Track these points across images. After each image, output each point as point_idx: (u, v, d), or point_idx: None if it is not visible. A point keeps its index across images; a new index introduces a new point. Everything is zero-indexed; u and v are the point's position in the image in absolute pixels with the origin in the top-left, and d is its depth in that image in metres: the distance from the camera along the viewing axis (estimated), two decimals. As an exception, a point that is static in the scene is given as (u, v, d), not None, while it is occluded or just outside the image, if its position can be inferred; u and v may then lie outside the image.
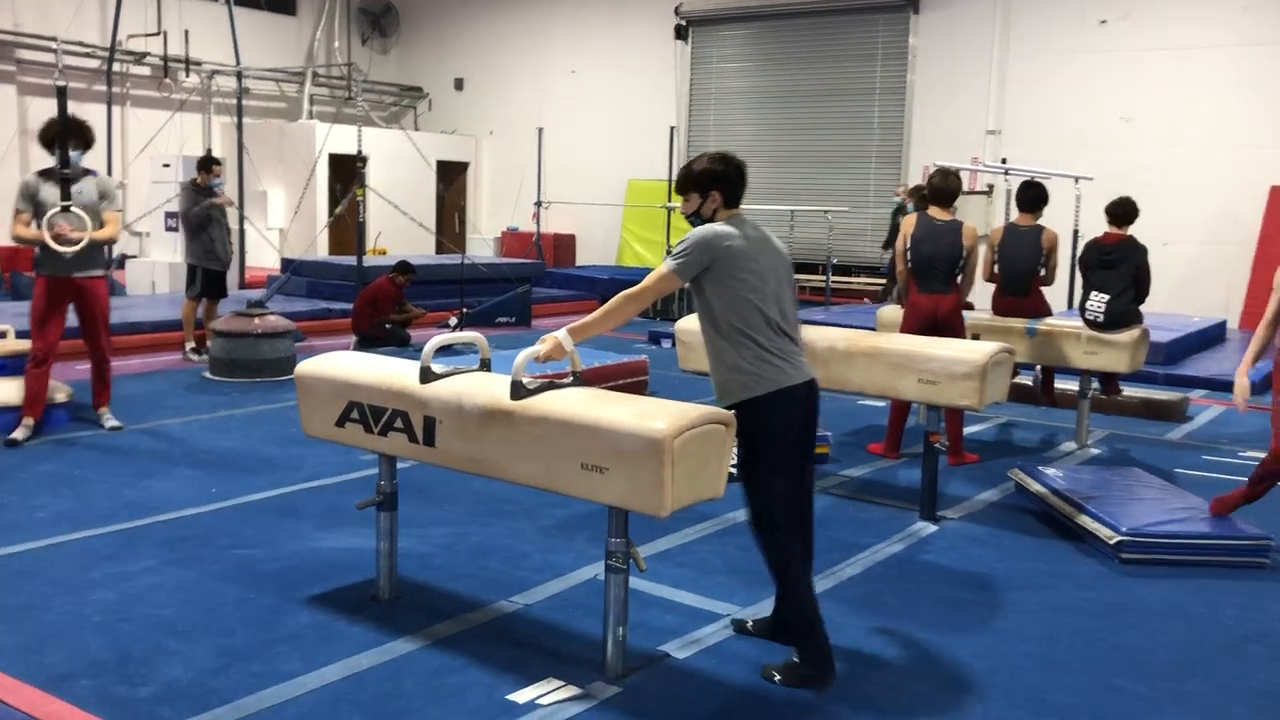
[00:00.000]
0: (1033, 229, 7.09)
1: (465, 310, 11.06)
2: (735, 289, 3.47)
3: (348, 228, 15.83)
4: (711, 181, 3.59)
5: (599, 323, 3.59)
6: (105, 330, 6.69)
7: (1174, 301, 13.36)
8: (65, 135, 6.35)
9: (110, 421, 6.71)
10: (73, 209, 6.27)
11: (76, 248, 6.25)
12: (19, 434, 6.31)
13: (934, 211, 6.44)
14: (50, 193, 6.33)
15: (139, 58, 16.85)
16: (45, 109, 6.19)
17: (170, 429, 6.84)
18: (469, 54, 19.87)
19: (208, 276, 9.38)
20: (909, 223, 6.49)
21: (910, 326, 6.39)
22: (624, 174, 18.00)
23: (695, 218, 3.65)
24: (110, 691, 3.28)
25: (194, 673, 3.42)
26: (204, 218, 9.25)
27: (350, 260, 13.26)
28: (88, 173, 6.56)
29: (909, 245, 6.43)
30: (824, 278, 14.52)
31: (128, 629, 3.74)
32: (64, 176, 6.32)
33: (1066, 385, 7.86)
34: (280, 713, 3.19)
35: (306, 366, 4.02)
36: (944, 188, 6.43)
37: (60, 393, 6.81)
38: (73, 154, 6.40)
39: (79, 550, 4.54)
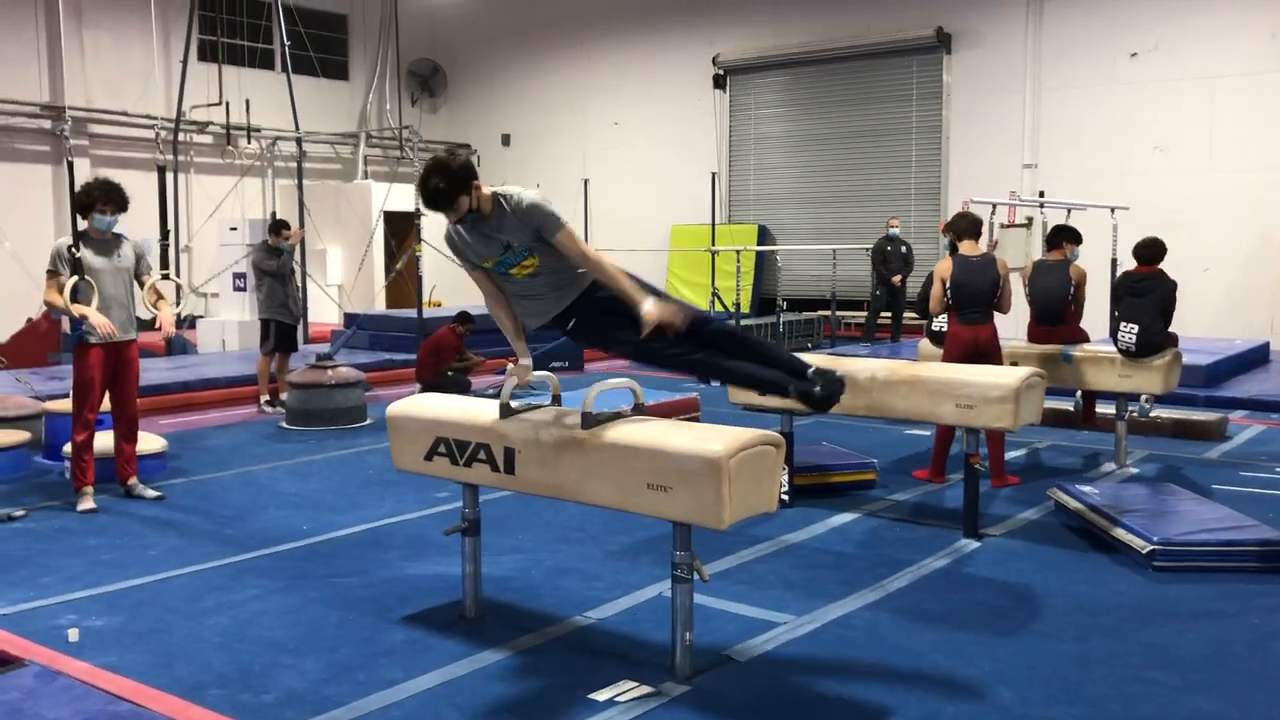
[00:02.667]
0: (1060, 263, 7.48)
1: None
2: None
3: (404, 282, 16.46)
4: (473, 174, 3.95)
5: (615, 275, 4.00)
6: (136, 394, 6.65)
7: (1217, 325, 13.55)
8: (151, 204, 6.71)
9: (150, 492, 6.60)
10: (170, 277, 6.63)
11: (178, 308, 6.65)
12: (90, 503, 6.29)
13: (965, 249, 6.86)
14: (93, 257, 6.31)
15: (202, 127, 17.70)
16: (117, 179, 6.57)
17: (257, 475, 7.33)
18: (515, 111, 20.58)
19: (280, 330, 9.93)
20: (944, 267, 6.88)
21: (952, 355, 6.77)
22: (667, 220, 18.51)
23: (471, 213, 3.96)
24: (238, 699, 3.70)
25: (308, 683, 3.84)
26: (287, 270, 9.91)
27: (409, 313, 13.82)
28: (119, 237, 6.54)
29: (949, 285, 6.82)
30: (866, 314, 14.83)
31: (244, 648, 4.17)
32: (164, 246, 6.76)
33: (1106, 409, 8.12)
34: (387, 713, 3.59)
35: (397, 408, 4.46)
36: (969, 226, 6.89)
37: (154, 443, 7.32)
38: (108, 218, 6.36)
39: (191, 582, 5.00)
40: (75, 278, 6.28)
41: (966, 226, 6.92)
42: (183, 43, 16.64)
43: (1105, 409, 8.11)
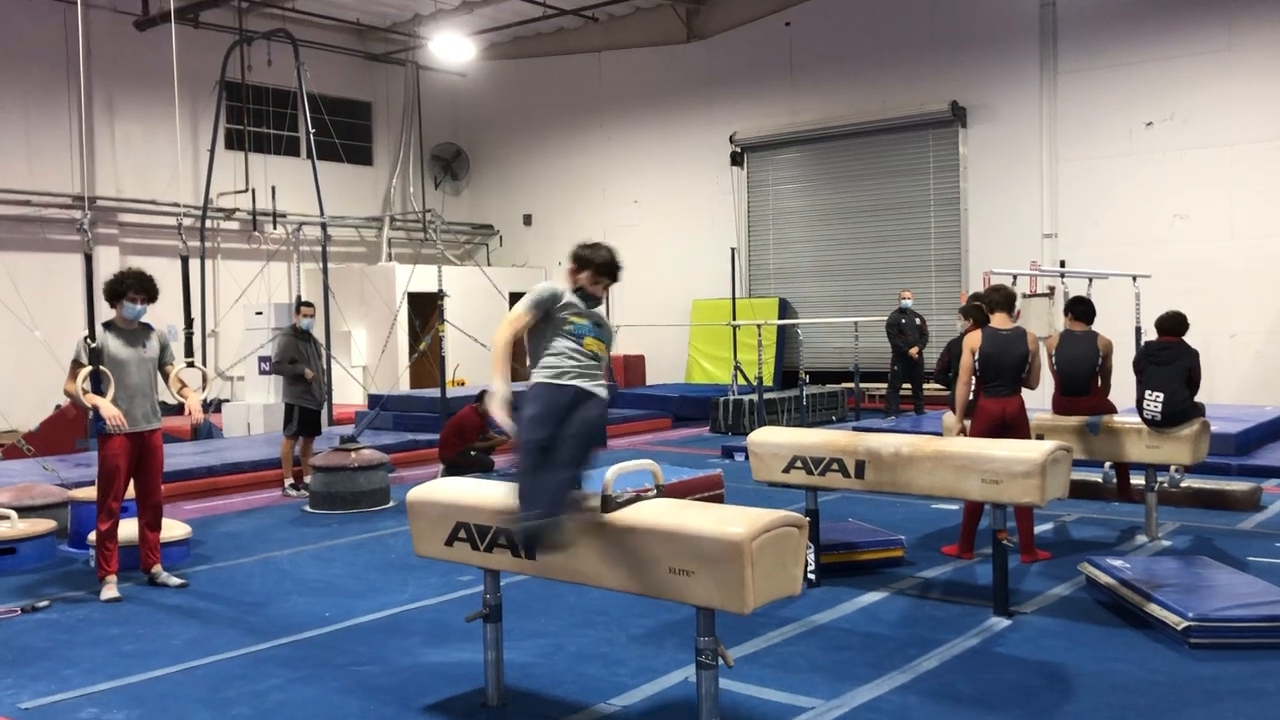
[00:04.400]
0: (1087, 333, 7.45)
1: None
2: None
3: (428, 362, 16.57)
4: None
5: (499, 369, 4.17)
6: (161, 482, 6.66)
7: (1245, 392, 13.43)
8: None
9: (174, 579, 6.58)
10: (196, 365, 6.68)
11: (204, 394, 6.67)
12: (114, 592, 6.27)
13: (997, 321, 6.85)
14: (119, 347, 6.38)
15: (229, 214, 18.02)
16: (144, 267, 6.59)
17: (280, 560, 7.31)
18: (536, 191, 20.87)
19: (303, 415, 9.96)
20: (974, 338, 6.86)
21: (979, 428, 6.73)
22: (688, 294, 18.62)
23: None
24: (258, 793, 3.65)
25: (329, 776, 3.79)
26: (311, 359, 9.92)
27: (432, 393, 13.88)
28: (145, 326, 6.60)
29: (977, 357, 6.79)
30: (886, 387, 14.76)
31: (265, 740, 4.13)
32: (189, 334, 6.84)
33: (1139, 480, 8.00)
34: (409, 808, 3.53)
35: (417, 493, 4.46)
36: (1003, 299, 6.88)
37: (178, 529, 7.33)
38: (138, 306, 6.44)
39: (213, 672, 4.97)
40: (89, 368, 6.35)
41: (1000, 299, 6.92)
42: (210, 132, 17.03)
43: (1139, 480, 8.00)
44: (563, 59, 20.24)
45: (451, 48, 17.78)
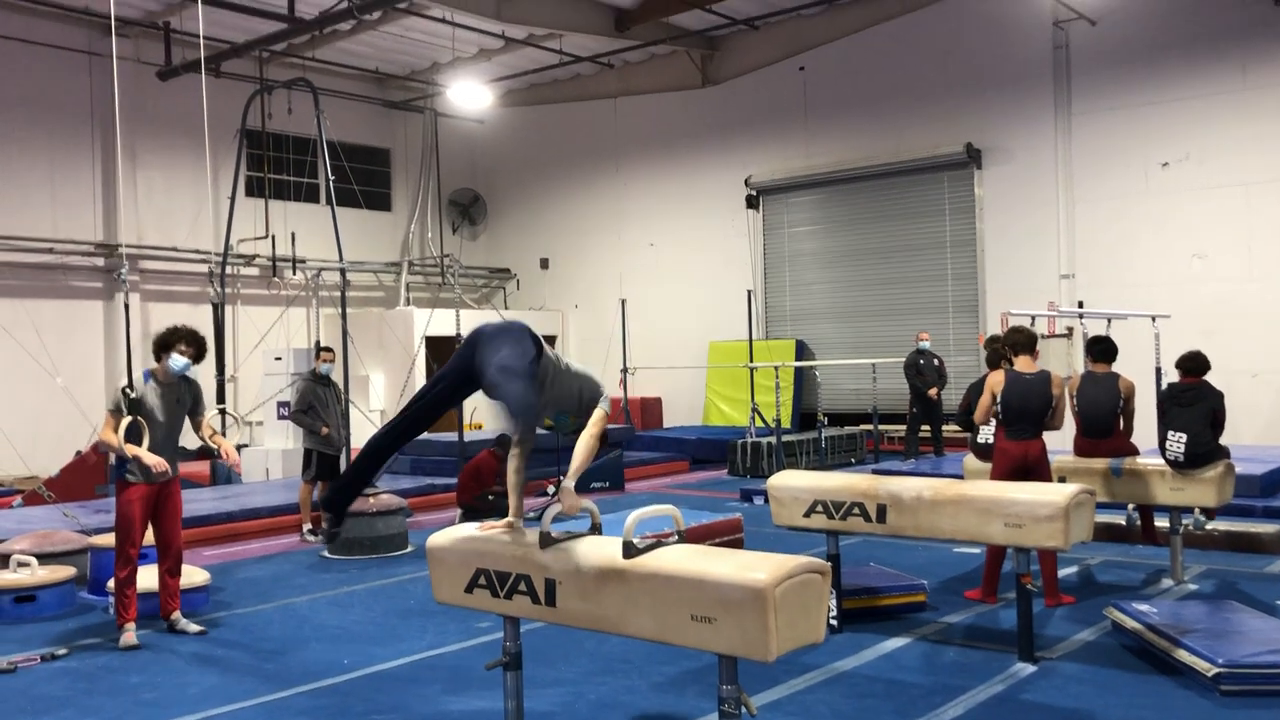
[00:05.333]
0: (1109, 375, 7.41)
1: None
2: None
3: (446, 406, 16.55)
4: None
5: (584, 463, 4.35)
6: (180, 528, 6.65)
7: (1269, 432, 13.29)
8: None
9: (193, 626, 6.58)
10: (228, 412, 6.66)
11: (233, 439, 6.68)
12: (132, 639, 6.27)
13: (1021, 364, 6.79)
14: (155, 398, 6.41)
15: (249, 260, 18.17)
16: (166, 313, 6.65)
17: (298, 607, 7.29)
18: (552, 235, 20.98)
19: (322, 460, 9.98)
20: (996, 380, 6.81)
21: (1000, 471, 6.67)
22: (705, 336, 18.63)
23: None
24: (277, 846, 3.61)
25: (348, 827, 3.75)
26: (328, 405, 9.95)
27: (449, 437, 13.88)
28: (187, 380, 6.63)
29: (999, 399, 6.74)
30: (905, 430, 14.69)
31: (284, 790, 4.09)
32: (219, 381, 6.82)
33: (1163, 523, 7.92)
34: None
35: (437, 539, 4.44)
36: (1025, 340, 6.81)
37: (198, 576, 7.32)
38: (184, 360, 6.47)
39: (231, 721, 4.95)
40: (129, 419, 6.38)
41: (1023, 341, 6.83)
42: (231, 179, 17.20)
43: (1163, 523, 7.92)
44: (579, 105, 20.42)
45: (469, 95, 17.96)
